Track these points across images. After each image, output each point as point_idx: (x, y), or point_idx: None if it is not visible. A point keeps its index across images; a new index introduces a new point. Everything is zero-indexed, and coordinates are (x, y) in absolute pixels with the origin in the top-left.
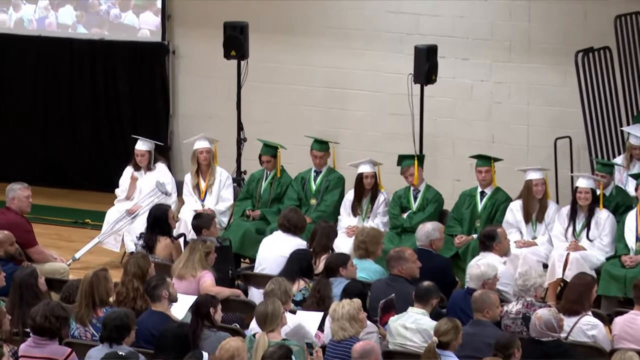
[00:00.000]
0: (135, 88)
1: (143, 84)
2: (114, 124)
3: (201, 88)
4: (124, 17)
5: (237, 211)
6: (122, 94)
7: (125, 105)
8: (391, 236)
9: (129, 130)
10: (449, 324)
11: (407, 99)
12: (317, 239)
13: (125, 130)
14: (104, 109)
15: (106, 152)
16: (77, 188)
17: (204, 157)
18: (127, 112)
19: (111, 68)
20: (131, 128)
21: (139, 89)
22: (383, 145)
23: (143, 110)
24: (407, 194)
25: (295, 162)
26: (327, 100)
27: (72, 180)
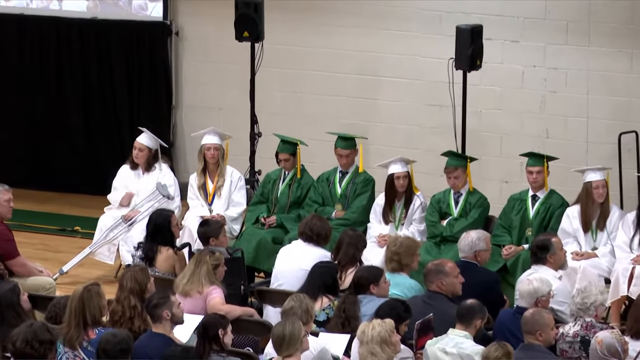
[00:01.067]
0: (132, 75)
1: (142, 71)
2: (108, 117)
3: (209, 75)
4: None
5: (250, 217)
6: (117, 82)
7: (122, 96)
8: (429, 246)
9: (125, 124)
10: (500, 350)
11: (447, 88)
12: (343, 250)
13: (122, 123)
14: (97, 100)
15: (100, 148)
16: (66, 190)
17: (211, 154)
18: (124, 103)
19: (105, 52)
20: (128, 121)
21: (137, 76)
22: (419, 141)
23: (142, 101)
24: (447, 198)
25: (318, 160)
26: (355, 89)
27: (59, 182)
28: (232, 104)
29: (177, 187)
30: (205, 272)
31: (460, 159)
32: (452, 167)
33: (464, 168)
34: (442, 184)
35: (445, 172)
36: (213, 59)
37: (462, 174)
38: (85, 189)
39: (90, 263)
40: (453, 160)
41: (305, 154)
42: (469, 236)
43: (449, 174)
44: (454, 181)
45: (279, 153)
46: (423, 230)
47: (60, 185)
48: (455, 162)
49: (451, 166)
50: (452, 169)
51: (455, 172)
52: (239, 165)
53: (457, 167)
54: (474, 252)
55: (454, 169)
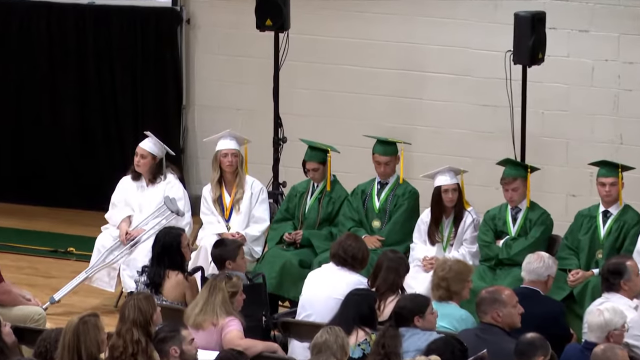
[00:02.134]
0: (136, 70)
1: (147, 65)
2: (108, 119)
3: (225, 70)
4: None
5: (273, 236)
6: (118, 78)
7: (124, 94)
8: (482, 271)
9: (128, 127)
10: None
11: (503, 85)
12: (382, 275)
13: (124, 127)
14: (94, 99)
15: (98, 156)
16: (58, 205)
17: (228, 161)
18: (126, 103)
19: (105, 43)
20: (131, 124)
21: (141, 72)
22: (470, 147)
23: (147, 101)
24: (504, 214)
25: (352, 170)
26: (396, 86)
27: (51, 195)
28: (252, 103)
29: (187, 200)
30: (221, 301)
31: (519, 168)
32: (511, 177)
33: (524, 179)
34: (498, 197)
35: (502, 183)
36: (230, 51)
37: (522, 186)
38: (80, 203)
39: (86, 290)
40: (511, 169)
41: (338, 162)
42: (541, 258)
43: (506, 185)
44: (512, 194)
45: (306, 162)
46: (475, 252)
47: (52, 198)
48: (513, 172)
49: (509, 176)
50: (510, 180)
51: (514, 183)
52: (260, 175)
53: (515, 178)
54: (547, 276)
55: (512, 180)
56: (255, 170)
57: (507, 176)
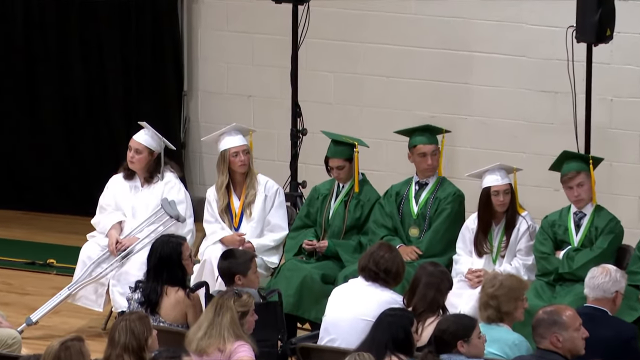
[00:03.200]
0: (129, 51)
1: (142, 45)
2: (96, 109)
3: (234, 50)
4: None
5: (291, 247)
6: (108, 60)
7: (115, 79)
8: (539, 288)
9: (119, 118)
10: None
11: (564, 68)
12: (420, 292)
13: (115, 117)
14: (79, 85)
15: (84, 152)
16: (37, 210)
17: (241, 161)
18: (118, 89)
19: (91, 18)
20: (123, 114)
21: (135, 53)
22: (525, 141)
23: (142, 87)
24: (565, 220)
25: (384, 168)
26: (437, 69)
27: (28, 197)
28: (266, 89)
29: (189, 204)
30: (229, 323)
31: (580, 161)
32: (574, 171)
33: (588, 173)
34: (558, 200)
35: (564, 180)
36: (240, 27)
37: (588, 182)
38: (62, 206)
39: (69, 310)
40: (572, 162)
41: (367, 159)
42: (607, 271)
43: (569, 182)
44: (579, 191)
45: (329, 158)
46: (531, 265)
47: (29, 202)
48: (576, 165)
49: (572, 170)
50: (573, 175)
51: (578, 177)
52: (276, 174)
53: (579, 171)
54: (614, 293)
55: (576, 174)
56: (270, 168)
57: (570, 170)
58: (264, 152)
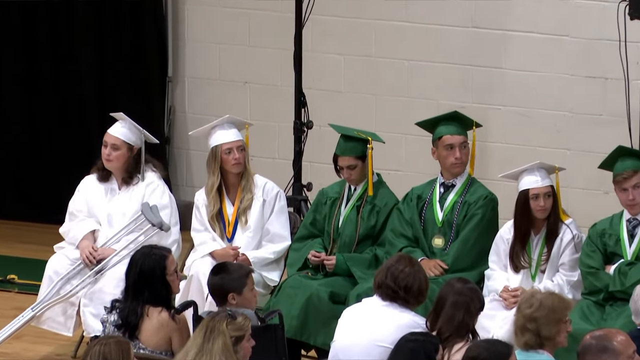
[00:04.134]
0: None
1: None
2: (66, 99)
3: (228, 29)
4: None
5: (294, 260)
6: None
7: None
8: (586, 308)
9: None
10: None
11: (615, 49)
12: (446, 314)
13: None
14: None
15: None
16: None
17: (235, 159)
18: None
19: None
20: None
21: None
22: (569, 135)
23: (120, 73)
24: (617, 229)
25: (404, 167)
26: (465, 51)
27: None
28: (265, 75)
29: (174, 210)
30: (221, 349)
31: (638, 158)
32: (630, 170)
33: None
34: (609, 205)
35: (617, 181)
36: (234, 3)
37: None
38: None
39: (33, 334)
40: (628, 160)
41: (383, 156)
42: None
43: (622, 184)
44: (634, 195)
45: (339, 156)
46: (577, 281)
47: None
48: (632, 163)
49: (627, 169)
50: (629, 174)
51: (635, 178)
52: (276, 175)
53: (636, 171)
54: None
55: (633, 174)
56: (270, 167)
57: (624, 169)
58: (262, 148)
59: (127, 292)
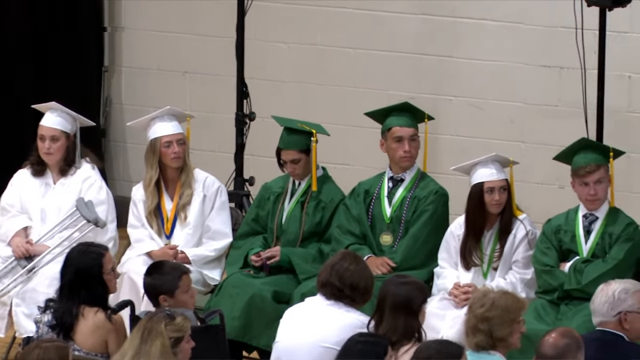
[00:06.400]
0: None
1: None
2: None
3: (166, 16)
4: None
5: (235, 258)
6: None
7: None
8: (540, 307)
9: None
10: None
11: (572, 37)
12: (387, 318)
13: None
14: None
15: None
16: None
17: (174, 152)
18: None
19: None
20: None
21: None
22: (524, 127)
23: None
24: (572, 224)
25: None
26: (416, 40)
27: None
28: (206, 65)
29: (111, 205)
30: (160, 351)
31: (601, 152)
32: (594, 164)
33: (608, 168)
34: (565, 200)
35: (579, 175)
36: None
37: (607, 179)
38: None
39: None
40: (591, 153)
41: (329, 150)
42: (608, 288)
43: (585, 177)
44: (596, 189)
45: (282, 150)
46: (530, 279)
47: None
48: (595, 157)
49: (591, 163)
50: (593, 169)
51: (596, 173)
52: (217, 169)
53: (599, 165)
54: (617, 315)
55: (596, 168)
56: (211, 161)
57: (587, 163)
58: (202, 141)
59: (61, 292)
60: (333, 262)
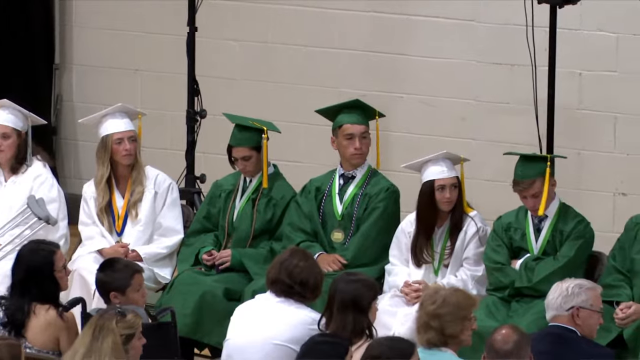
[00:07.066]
0: None
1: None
2: None
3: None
4: None
5: (186, 256)
6: None
7: None
8: (491, 304)
9: None
10: None
11: (522, 35)
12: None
13: None
14: None
15: None
16: None
17: (126, 150)
18: None
19: None
20: None
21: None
22: (474, 125)
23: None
24: (522, 222)
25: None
26: (368, 37)
27: None
28: (157, 62)
29: (63, 203)
30: (110, 349)
31: (535, 164)
32: (528, 180)
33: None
34: (515, 198)
35: (516, 189)
36: None
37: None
38: None
39: None
40: (527, 168)
41: (280, 147)
42: (563, 284)
43: (522, 192)
44: (534, 202)
45: (233, 147)
46: (481, 277)
47: None
48: (530, 172)
49: (526, 179)
50: (527, 184)
51: (533, 187)
52: (168, 166)
53: (534, 180)
54: (570, 310)
55: (531, 183)
56: (162, 159)
57: (521, 179)
58: (153, 139)
59: (13, 289)
60: (282, 259)
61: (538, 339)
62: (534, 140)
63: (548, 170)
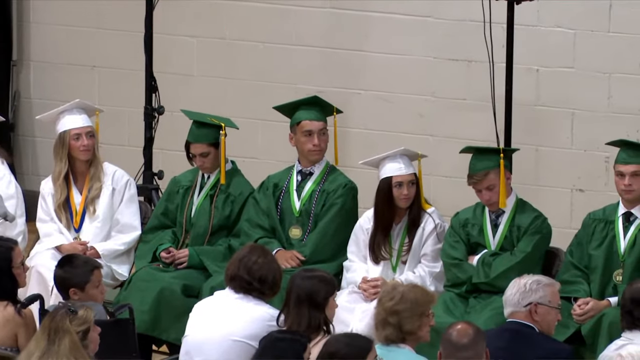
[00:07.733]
0: None
1: None
2: None
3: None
4: None
5: (144, 252)
6: None
7: None
8: (449, 301)
9: None
10: None
11: (480, 31)
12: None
13: None
14: None
15: None
16: None
17: (84, 145)
18: None
19: None
20: None
21: None
22: (432, 121)
23: None
24: (480, 218)
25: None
26: (325, 33)
27: None
28: (114, 59)
29: (21, 200)
30: (69, 347)
31: (489, 157)
32: (482, 172)
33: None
34: (472, 193)
35: (471, 182)
36: None
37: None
38: None
39: None
40: (480, 160)
41: (238, 143)
42: (521, 280)
43: (476, 186)
44: (490, 196)
45: (191, 144)
46: (439, 273)
47: None
48: (482, 164)
49: (479, 172)
50: (480, 177)
51: (486, 180)
52: (126, 163)
53: (487, 172)
54: (528, 306)
55: (484, 176)
56: (119, 155)
57: (477, 171)
58: (111, 135)
59: None
60: (241, 255)
61: (496, 335)
62: (491, 136)
63: (502, 162)
